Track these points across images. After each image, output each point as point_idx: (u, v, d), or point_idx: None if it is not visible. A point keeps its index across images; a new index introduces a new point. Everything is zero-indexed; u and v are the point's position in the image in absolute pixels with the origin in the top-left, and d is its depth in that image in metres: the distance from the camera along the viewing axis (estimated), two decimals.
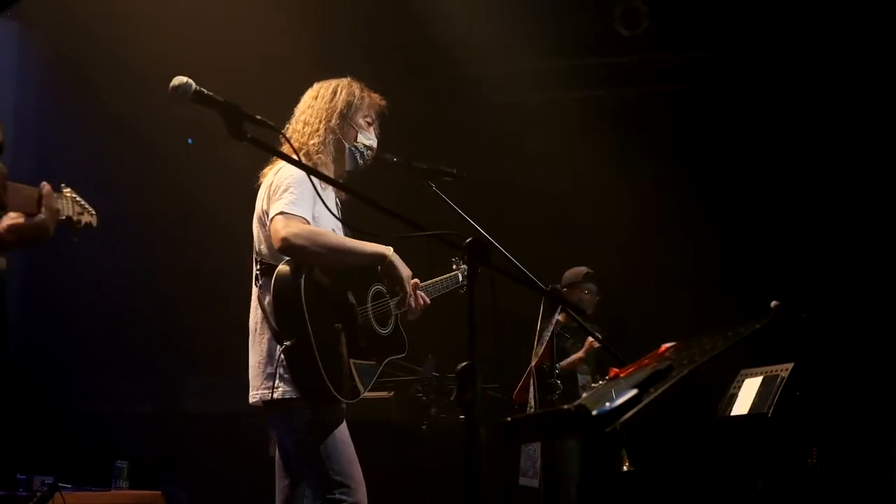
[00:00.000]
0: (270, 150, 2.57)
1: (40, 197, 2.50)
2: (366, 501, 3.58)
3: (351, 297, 3.72)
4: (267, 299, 3.58)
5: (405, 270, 3.78)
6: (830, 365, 7.06)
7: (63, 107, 7.35)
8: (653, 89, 8.06)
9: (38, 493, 5.51)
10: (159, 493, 6.45)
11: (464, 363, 2.47)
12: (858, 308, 7.59)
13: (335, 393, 3.51)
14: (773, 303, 4.47)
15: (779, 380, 5.57)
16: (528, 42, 7.50)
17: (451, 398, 6.03)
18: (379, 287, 3.85)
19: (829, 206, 7.84)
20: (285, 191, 3.57)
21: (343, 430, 3.63)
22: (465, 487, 2.43)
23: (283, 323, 3.53)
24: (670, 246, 7.90)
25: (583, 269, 7.09)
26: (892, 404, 7.53)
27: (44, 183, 2.53)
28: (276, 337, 3.54)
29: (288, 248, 3.50)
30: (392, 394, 6.30)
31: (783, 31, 7.41)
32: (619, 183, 7.73)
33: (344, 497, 3.52)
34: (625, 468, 5.93)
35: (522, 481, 5.40)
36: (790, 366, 5.61)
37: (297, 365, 3.49)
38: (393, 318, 3.87)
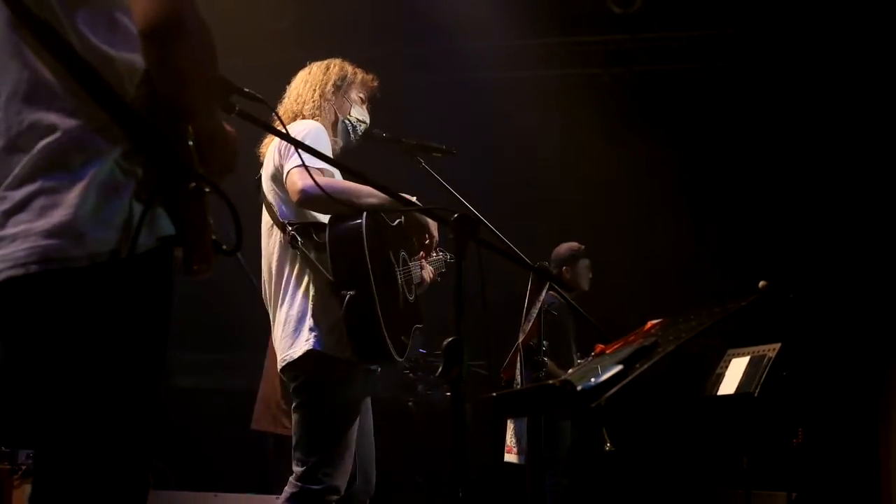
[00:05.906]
0: (260, 123, 2.54)
1: None
2: (343, 489, 3.43)
3: (392, 257, 3.64)
4: (312, 254, 3.43)
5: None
6: (817, 346, 7.09)
7: None
8: (645, 68, 8.03)
9: (24, 467, 5.44)
10: None
11: (450, 338, 2.47)
12: (846, 289, 7.61)
13: (391, 349, 3.40)
14: (762, 283, 4.48)
15: (766, 360, 5.58)
16: (521, 18, 7.45)
17: (437, 374, 6.01)
18: (404, 253, 3.76)
19: (819, 188, 7.84)
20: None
21: (359, 409, 3.53)
22: (451, 464, 2.43)
23: (342, 270, 3.37)
24: (659, 225, 7.90)
25: (575, 245, 6.95)
26: (877, 385, 7.57)
27: None
28: (333, 287, 3.37)
29: (306, 199, 3.36)
30: (378, 370, 6.27)
31: (779, 10, 7.36)
32: (610, 162, 7.71)
33: (325, 478, 3.37)
34: (606, 448, 5.93)
35: (508, 458, 5.40)
36: (777, 346, 5.62)
37: (356, 316, 3.34)
38: (415, 287, 3.81)
